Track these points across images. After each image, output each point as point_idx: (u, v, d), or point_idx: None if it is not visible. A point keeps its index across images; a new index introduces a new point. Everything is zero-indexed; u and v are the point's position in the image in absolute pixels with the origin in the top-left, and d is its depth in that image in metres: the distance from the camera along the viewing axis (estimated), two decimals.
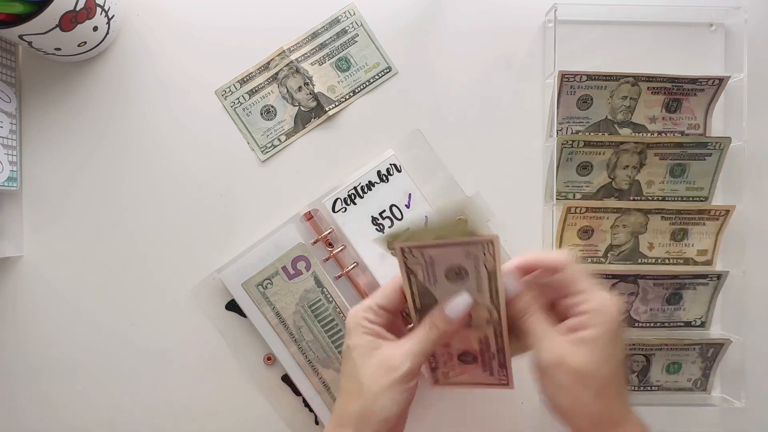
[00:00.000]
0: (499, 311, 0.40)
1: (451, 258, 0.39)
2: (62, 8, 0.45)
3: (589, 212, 0.53)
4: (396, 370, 0.38)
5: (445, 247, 0.38)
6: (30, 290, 0.55)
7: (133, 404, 0.55)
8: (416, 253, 0.39)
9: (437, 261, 0.39)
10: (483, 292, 0.40)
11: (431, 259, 0.39)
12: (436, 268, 0.39)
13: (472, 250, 0.38)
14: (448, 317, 0.40)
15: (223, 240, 0.55)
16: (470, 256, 0.38)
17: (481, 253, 0.38)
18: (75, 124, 0.55)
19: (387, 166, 0.54)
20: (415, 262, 0.39)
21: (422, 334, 0.40)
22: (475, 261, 0.38)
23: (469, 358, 0.44)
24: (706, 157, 0.54)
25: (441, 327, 0.40)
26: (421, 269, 0.40)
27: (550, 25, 0.54)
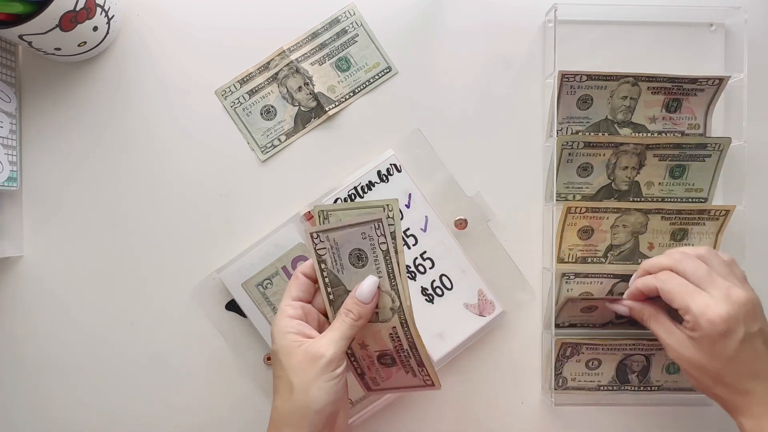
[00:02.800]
0: (400, 297, 0.41)
1: (352, 241, 0.40)
2: (62, 8, 0.45)
3: (589, 212, 0.53)
4: (320, 358, 0.40)
5: (345, 228, 0.40)
6: (30, 290, 0.55)
7: (133, 404, 0.55)
8: (323, 237, 0.40)
9: (341, 244, 0.41)
10: (383, 275, 0.41)
11: (335, 243, 0.41)
12: (341, 252, 0.41)
13: (366, 230, 0.40)
14: (358, 300, 0.41)
15: (223, 240, 0.55)
16: (366, 236, 0.40)
17: (374, 233, 0.39)
18: (75, 124, 0.55)
19: (387, 166, 0.54)
20: (323, 247, 0.41)
21: (338, 321, 0.42)
22: (371, 242, 0.40)
23: (388, 359, 0.45)
24: (706, 158, 0.54)
25: (354, 311, 0.42)
26: (329, 255, 0.41)
27: (550, 25, 0.54)
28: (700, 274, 0.43)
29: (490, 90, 0.56)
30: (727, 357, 0.42)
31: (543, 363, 0.56)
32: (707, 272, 0.43)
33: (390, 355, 0.45)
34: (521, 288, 0.55)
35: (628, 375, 0.55)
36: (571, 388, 0.55)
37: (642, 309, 0.48)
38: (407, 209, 0.54)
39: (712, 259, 0.45)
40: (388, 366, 0.45)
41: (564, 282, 0.53)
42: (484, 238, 0.55)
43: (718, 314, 0.41)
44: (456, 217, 0.55)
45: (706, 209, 0.54)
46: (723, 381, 0.43)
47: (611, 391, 0.56)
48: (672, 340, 0.44)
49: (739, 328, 0.41)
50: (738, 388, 0.42)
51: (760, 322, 0.43)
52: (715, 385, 0.43)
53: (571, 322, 0.55)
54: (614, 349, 0.54)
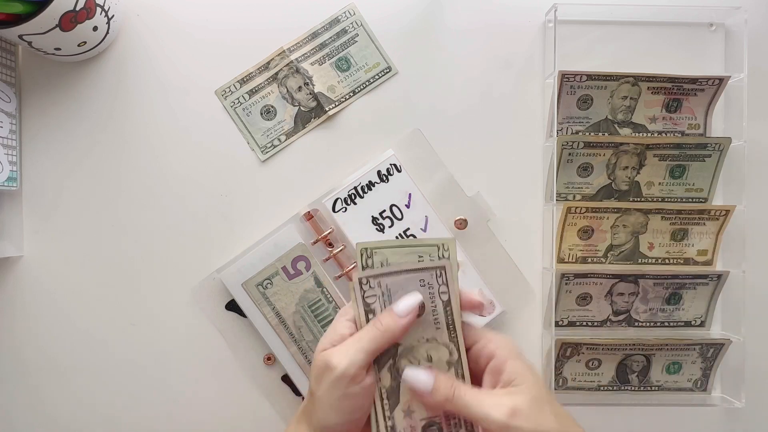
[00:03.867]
0: (459, 349, 0.37)
1: (408, 288, 0.37)
2: (62, 8, 0.45)
3: (589, 212, 0.53)
4: (332, 370, 0.36)
5: (401, 274, 0.36)
6: (30, 290, 0.55)
7: (133, 404, 0.55)
8: (373, 284, 0.37)
9: (393, 291, 0.37)
10: (441, 327, 0.37)
11: (388, 290, 0.37)
12: (393, 300, 0.37)
13: (426, 277, 0.36)
14: (395, 313, 0.37)
15: (223, 240, 0.55)
16: (425, 284, 0.36)
17: (435, 281, 0.36)
18: (75, 124, 0.55)
19: (387, 166, 0.54)
20: (372, 294, 0.37)
21: (363, 330, 0.37)
22: (430, 290, 0.37)
23: (435, 430, 0.39)
24: (706, 158, 0.54)
25: (384, 321, 0.37)
26: (378, 304, 0.37)
27: (550, 25, 0.54)
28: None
29: (490, 90, 0.56)
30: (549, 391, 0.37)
31: (543, 363, 0.56)
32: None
33: (438, 426, 0.38)
34: (521, 288, 0.55)
35: (628, 375, 0.55)
36: (571, 388, 0.55)
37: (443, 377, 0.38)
38: (407, 209, 0.54)
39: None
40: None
41: (564, 282, 0.54)
42: (484, 238, 0.55)
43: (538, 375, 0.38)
44: (456, 217, 0.55)
45: (706, 209, 0.54)
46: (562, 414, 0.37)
47: (611, 391, 0.56)
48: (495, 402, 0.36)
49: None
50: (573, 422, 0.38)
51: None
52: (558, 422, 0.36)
53: (570, 319, 0.55)
54: (614, 349, 0.54)
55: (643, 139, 0.54)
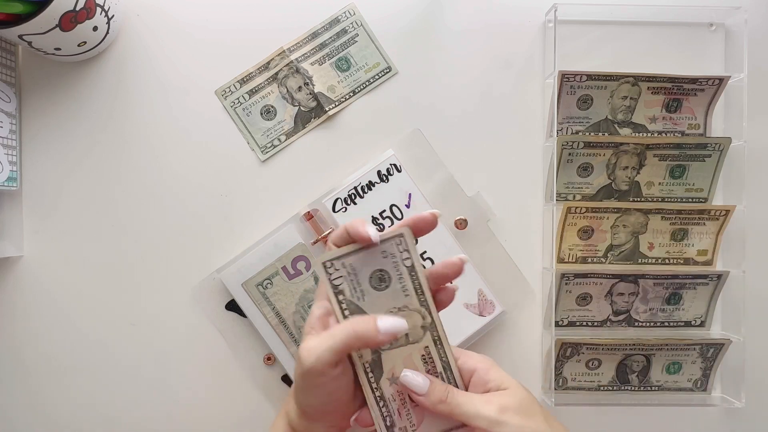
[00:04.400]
0: (430, 312, 0.39)
1: (372, 262, 0.38)
2: (62, 8, 0.45)
3: (589, 212, 0.53)
4: (302, 363, 0.36)
5: (362, 250, 0.38)
6: (30, 290, 0.55)
7: (133, 404, 0.55)
8: (338, 265, 0.38)
9: (359, 269, 0.38)
10: (410, 294, 0.39)
11: (353, 269, 0.38)
12: (360, 277, 0.38)
13: (387, 247, 0.38)
14: (377, 327, 0.36)
15: (223, 240, 0.55)
16: (387, 255, 0.38)
17: (396, 249, 0.38)
18: (75, 124, 0.55)
19: (387, 166, 0.54)
20: (338, 276, 0.38)
21: (338, 330, 0.36)
22: (393, 260, 0.38)
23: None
24: (706, 158, 0.54)
25: (361, 330, 0.36)
26: (347, 284, 0.38)
27: (550, 25, 0.54)
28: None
29: (490, 90, 0.56)
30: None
31: (543, 363, 0.56)
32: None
33: None
34: (521, 288, 0.55)
35: (628, 375, 0.55)
36: (571, 388, 0.55)
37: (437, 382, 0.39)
38: (407, 209, 0.54)
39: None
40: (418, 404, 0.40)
41: (564, 282, 0.54)
42: (484, 238, 0.55)
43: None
44: (456, 217, 0.55)
45: (706, 209, 0.54)
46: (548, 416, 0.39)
47: (611, 391, 0.56)
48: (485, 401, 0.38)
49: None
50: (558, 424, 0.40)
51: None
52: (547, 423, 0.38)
53: (570, 319, 0.55)
54: (614, 349, 0.54)
55: (643, 139, 0.54)
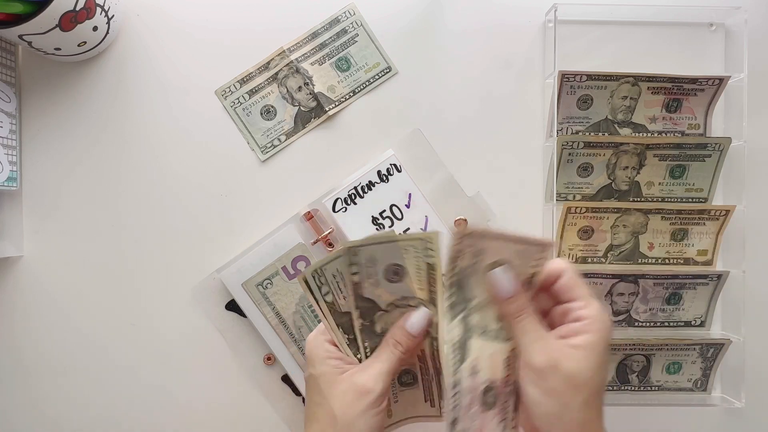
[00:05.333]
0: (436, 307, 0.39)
1: (502, 252, 0.37)
2: (62, 8, 0.45)
3: (589, 212, 0.53)
4: (368, 393, 0.38)
5: (503, 240, 0.37)
6: (30, 290, 0.55)
7: (133, 404, 0.55)
8: (471, 240, 0.37)
9: (487, 252, 0.37)
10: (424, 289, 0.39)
11: (482, 250, 0.37)
12: (482, 259, 0.37)
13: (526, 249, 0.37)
14: (409, 332, 0.39)
15: (223, 240, 0.55)
16: (521, 254, 0.37)
17: (532, 256, 0.37)
18: (75, 124, 0.55)
19: (387, 166, 0.54)
20: (468, 244, 0.37)
21: (386, 352, 0.39)
22: (523, 261, 0.37)
23: (491, 397, 0.38)
24: (706, 158, 0.54)
25: (404, 343, 0.39)
26: (467, 258, 0.37)
27: (550, 25, 0.54)
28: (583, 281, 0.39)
29: (490, 90, 0.56)
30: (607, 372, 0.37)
31: None
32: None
33: (495, 391, 0.38)
34: None
35: (628, 375, 0.55)
36: None
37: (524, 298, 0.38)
38: (407, 209, 0.54)
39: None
40: (487, 408, 0.38)
41: None
42: None
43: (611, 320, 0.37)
44: (456, 217, 0.55)
45: (706, 209, 0.54)
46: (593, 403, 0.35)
47: (611, 391, 0.56)
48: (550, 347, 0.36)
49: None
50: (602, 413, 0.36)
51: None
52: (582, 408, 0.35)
53: None
54: (614, 349, 0.54)
55: (643, 139, 0.54)
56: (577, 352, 0.35)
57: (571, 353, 0.35)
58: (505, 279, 0.37)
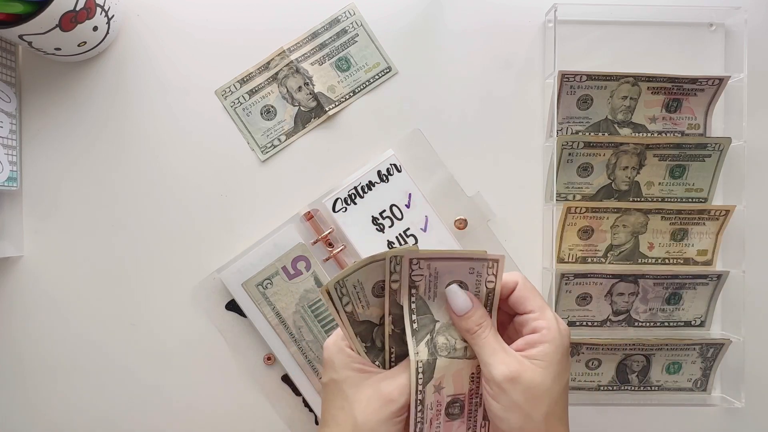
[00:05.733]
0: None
1: (455, 273, 0.38)
2: (62, 8, 0.45)
3: (589, 212, 0.53)
4: (393, 403, 0.37)
5: (452, 260, 0.38)
6: (30, 290, 0.55)
7: (133, 404, 0.55)
8: (423, 265, 0.38)
9: (441, 274, 0.39)
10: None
11: (435, 272, 0.39)
12: (438, 281, 0.39)
13: (477, 266, 0.38)
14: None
15: (223, 240, 0.55)
16: (474, 272, 0.38)
17: (486, 271, 0.38)
18: (75, 124, 0.55)
19: (387, 166, 0.54)
20: (419, 274, 0.38)
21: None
22: (477, 278, 0.38)
23: (457, 408, 0.40)
24: (706, 158, 0.54)
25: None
26: (424, 282, 0.39)
27: (550, 25, 0.54)
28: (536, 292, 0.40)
29: (490, 90, 0.56)
30: (567, 380, 0.37)
31: None
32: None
33: (461, 403, 0.40)
34: None
35: (628, 375, 0.55)
36: (571, 388, 0.55)
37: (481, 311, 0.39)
38: (407, 209, 0.54)
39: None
40: (452, 419, 0.40)
41: (564, 282, 0.54)
42: (484, 238, 0.55)
43: (566, 329, 0.38)
44: (456, 217, 0.55)
45: (706, 209, 0.54)
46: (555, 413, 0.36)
47: (611, 391, 0.56)
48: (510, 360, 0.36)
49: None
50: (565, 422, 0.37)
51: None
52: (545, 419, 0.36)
53: (570, 319, 0.55)
54: (614, 349, 0.54)
55: (643, 139, 0.54)
56: (535, 364, 0.36)
57: (528, 365, 0.36)
58: (459, 295, 0.39)
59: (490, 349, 0.37)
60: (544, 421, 0.36)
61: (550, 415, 0.36)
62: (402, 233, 0.54)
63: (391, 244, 0.54)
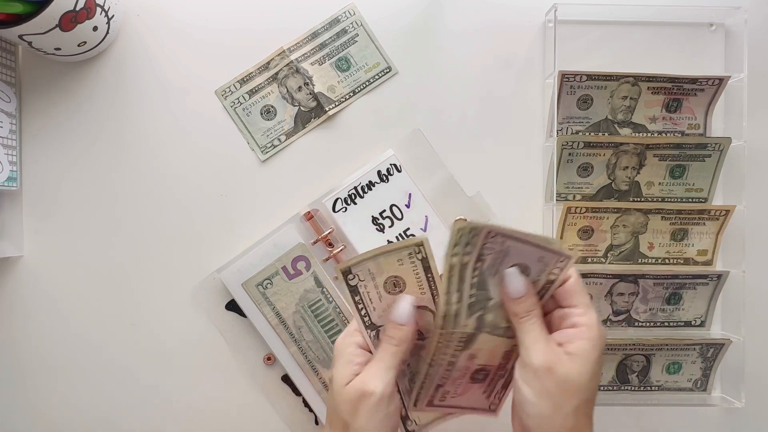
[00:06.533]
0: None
1: (524, 256, 0.38)
2: (62, 8, 0.45)
3: (589, 212, 0.53)
4: (370, 396, 0.37)
5: (528, 244, 0.37)
6: (30, 290, 0.55)
7: (133, 404, 0.55)
8: (499, 240, 0.37)
9: (510, 254, 0.38)
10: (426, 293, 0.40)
11: (506, 251, 0.38)
12: (505, 261, 0.38)
13: (547, 256, 0.38)
14: (396, 322, 0.39)
15: (223, 240, 0.55)
16: (542, 261, 0.38)
17: (553, 263, 0.38)
18: (75, 124, 0.55)
19: (387, 166, 0.54)
20: (490, 248, 0.37)
21: (381, 351, 0.39)
22: (544, 267, 0.38)
23: (481, 375, 0.42)
24: (706, 158, 0.54)
25: (395, 336, 0.39)
26: (491, 258, 0.38)
27: (550, 25, 0.54)
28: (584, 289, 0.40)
29: (490, 90, 0.56)
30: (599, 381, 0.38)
31: None
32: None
33: (487, 372, 0.42)
34: None
35: (628, 375, 0.55)
36: None
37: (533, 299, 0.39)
38: (407, 209, 0.54)
39: None
40: (474, 382, 0.42)
41: None
42: None
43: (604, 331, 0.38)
44: (456, 217, 0.55)
45: (706, 209, 0.54)
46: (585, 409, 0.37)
47: (611, 391, 0.56)
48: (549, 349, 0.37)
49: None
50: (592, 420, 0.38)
51: None
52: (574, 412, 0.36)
53: None
54: (614, 349, 0.54)
55: (643, 139, 0.54)
56: (572, 359, 0.36)
57: (566, 359, 0.36)
58: (517, 279, 0.38)
59: (534, 336, 0.37)
60: (573, 415, 0.36)
61: (578, 411, 0.36)
62: (402, 233, 0.54)
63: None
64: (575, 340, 0.37)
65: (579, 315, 0.38)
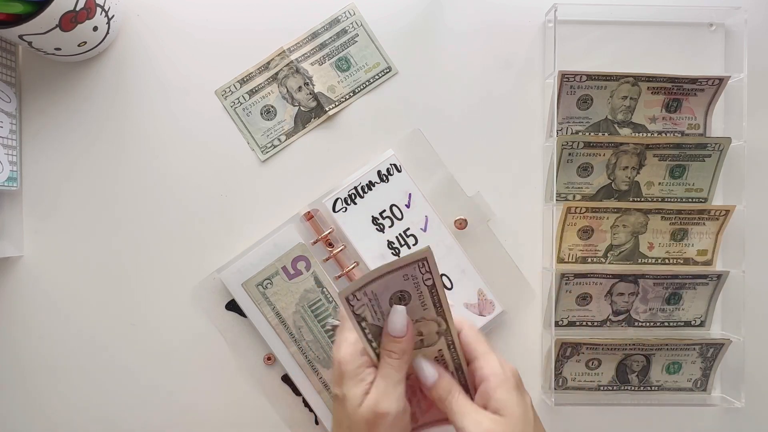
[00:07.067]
0: (446, 320, 0.40)
1: (392, 286, 0.38)
2: (62, 8, 0.45)
3: (589, 212, 0.53)
4: (386, 416, 0.38)
5: (384, 276, 0.38)
6: (30, 290, 0.55)
7: (133, 404, 0.55)
8: (359, 295, 0.38)
9: (380, 294, 0.39)
10: (428, 307, 0.40)
11: (374, 295, 0.38)
12: (380, 301, 0.39)
13: (409, 271, 0.38)
14: (391, 335, 0.39)
15: (223, 240, 0.55)
16: (408, 277, 0.38)
17: (418, 272, 0.38)
18: (75, 124, 0.55)
19: (387, 166, 0.54)
20: (361, 305, 0.38)
21: (384, 367, 0.39)
22: (414, 281, 0.38)
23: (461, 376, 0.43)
24: (706, 158, 0.54)
25: (395, 349, 0.39)
26: (368, 310, 0.39)
27: (550, 25, 0.54)
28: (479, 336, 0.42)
29: (490, 90, 0.56)
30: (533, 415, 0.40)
31: (543, 363, 0.56)
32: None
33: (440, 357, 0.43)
34: (521, 288, 0.55)
35: (628, 375, 0.55)
36: (571, 388, 0.55)
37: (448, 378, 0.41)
38: (407, 209, 0.54)
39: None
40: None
41: (564, 282, 0.54)
42: (484, 238, 0.55)
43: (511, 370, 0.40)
44: (456, 217, 0.55)
45: (706, 209, 0.54)
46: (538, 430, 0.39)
47: (611, 391, 0.56)
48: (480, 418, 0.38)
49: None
50: None
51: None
52: None
53: (569, 319, 0.55)
54: (614, 349, 0.54)
55: (643, 139, 0.54)
56: (500, 417, 0.38)
57: (497, 420, 0.38)
58: (425, 367, 0.41)
59: (461, 413, 0.39)
60: None
61: None
62: (402, 233, 0.54)
63: (391, 243, 0.54)
64: (492, 394, 0.39)
65: (482, 367, 0.40)
